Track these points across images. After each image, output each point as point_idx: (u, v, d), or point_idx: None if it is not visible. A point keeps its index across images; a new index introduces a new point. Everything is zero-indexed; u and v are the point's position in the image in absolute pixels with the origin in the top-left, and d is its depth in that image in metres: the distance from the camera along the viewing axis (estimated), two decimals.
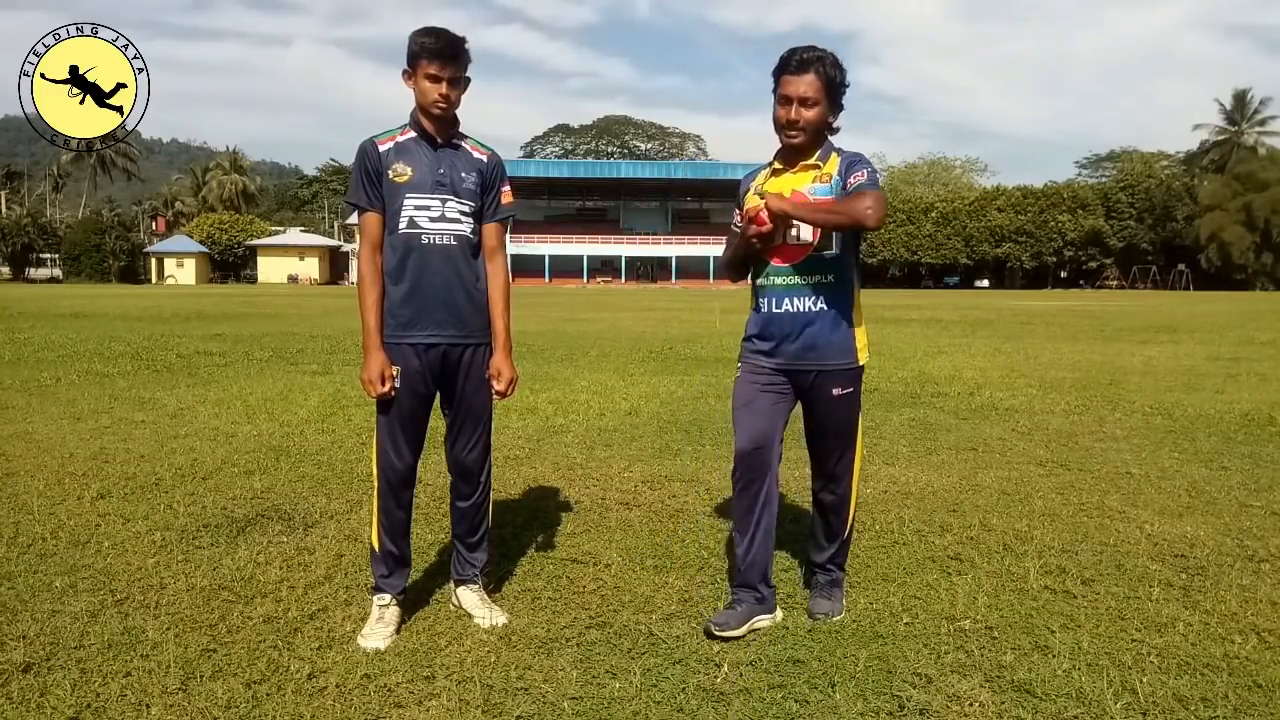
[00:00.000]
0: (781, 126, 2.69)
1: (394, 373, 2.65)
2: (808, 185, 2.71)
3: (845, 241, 2.73)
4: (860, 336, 2.79)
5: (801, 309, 2.72)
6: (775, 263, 2.74)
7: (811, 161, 2.73)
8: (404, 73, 2.64)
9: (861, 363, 2.79)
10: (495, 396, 2.83)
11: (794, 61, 2.64)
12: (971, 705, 2.26)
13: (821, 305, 2.71)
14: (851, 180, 2.66)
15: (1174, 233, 64.66)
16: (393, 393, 2.64)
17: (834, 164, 2.72)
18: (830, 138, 2.77)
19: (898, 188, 78.02)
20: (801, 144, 2.69)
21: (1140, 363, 10.49)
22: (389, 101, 3.40)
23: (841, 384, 2.76)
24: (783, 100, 2.67)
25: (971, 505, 4.14)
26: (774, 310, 2.74)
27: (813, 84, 2.63)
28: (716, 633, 2.62)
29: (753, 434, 2.74)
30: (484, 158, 2.77)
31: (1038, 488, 4.47)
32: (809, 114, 2.64)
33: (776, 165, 2.78)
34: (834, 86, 2.67)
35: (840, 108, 2.73)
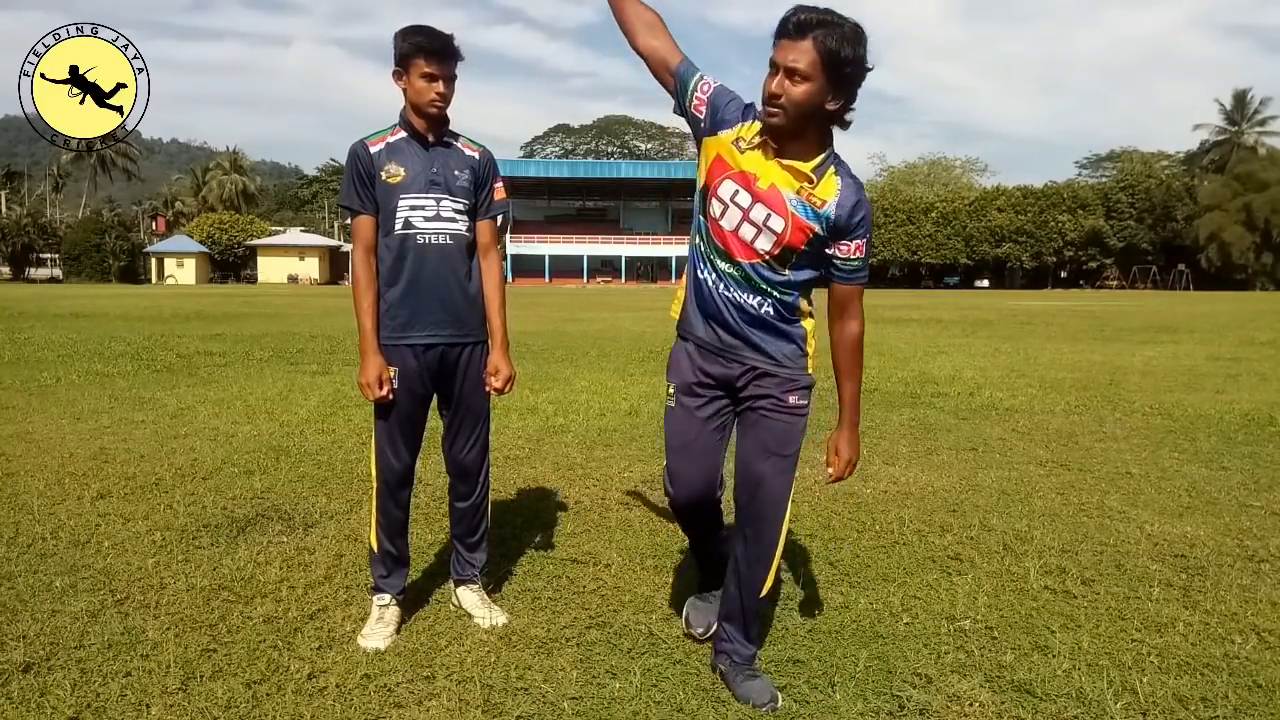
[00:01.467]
0: (763, 98, 2.16)
1: (391, 375, 2.65)
2: (790, 194, 2.19)
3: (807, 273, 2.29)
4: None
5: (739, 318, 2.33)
6: (728, 252, 2.28)
7: (804, 168, 2.18)
8: (395, 73, 2.63)
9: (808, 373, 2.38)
10: (493, 394, 2.82)
11: (792, 22, 2.10)
12: (971, 705, 2.26)
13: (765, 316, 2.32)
14: (848, 250, 2.22)
15: (1174, 233, 64.63)
16: (390, 396, 2.64)
17: (831, 188, 2.19)
18: (835, 136, 2.25)
19: (898, 188, 78.01)
20: (781, 126, 2.14)
21: (1140, 363, 10.49)
22: (389, 101, 3.37)
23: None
24: (770, 66, 2.14)
25: (971, 505, 4.14)
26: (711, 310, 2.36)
27: (808, 54, 2.07)
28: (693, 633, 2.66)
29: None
30: (476, 155, 2.76)
31: (1038, 488, 4.47)
32: (795, 91, 2.09)
33: (769, 140, 2.19)
34: (836, 63, 2.08)
35: (848, 94, 2.15)
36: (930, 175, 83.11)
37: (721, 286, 2.30)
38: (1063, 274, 69.92)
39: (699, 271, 2.36)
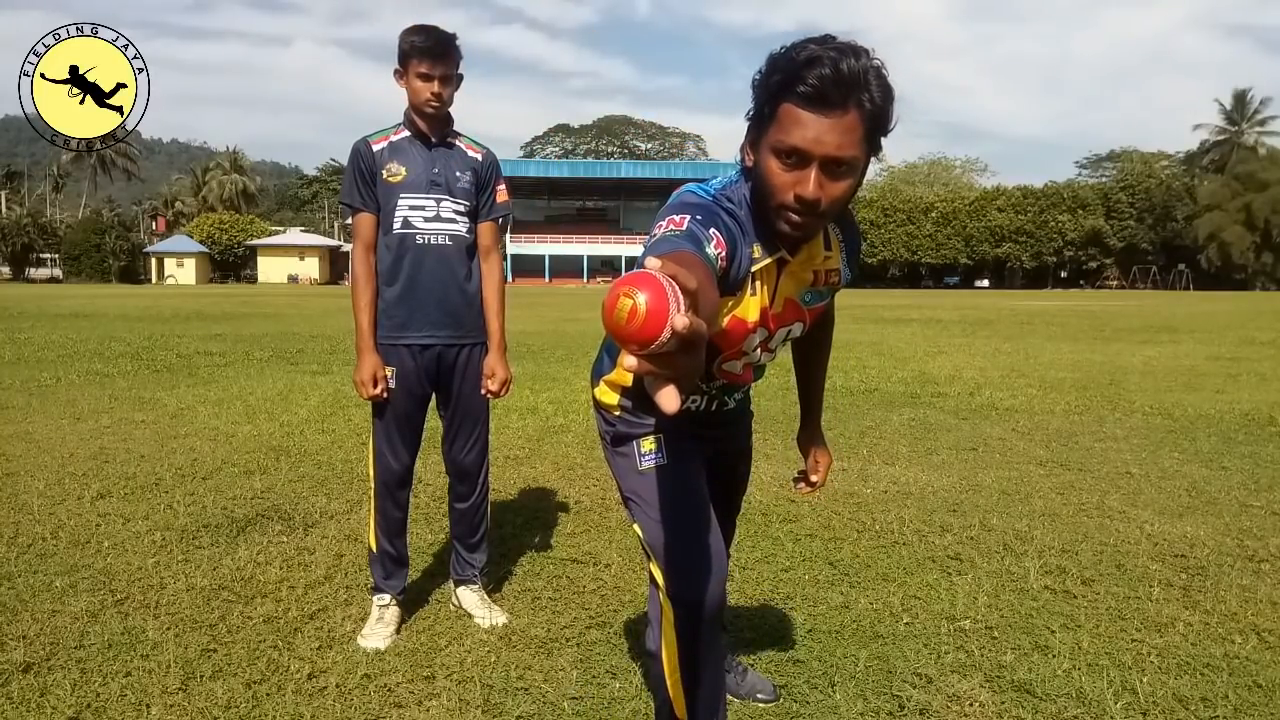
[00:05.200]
0: (783, 204, 1.47)
1: (387, 374, 2.65)
2: (804, 292, 1.69)
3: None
4: None
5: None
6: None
7: (819, 255, 1.66)
8: (395, 72, 2.64)
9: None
10: (489, 397, 2.82)
11: (829, 80, 1.36)
12: (971, 705, 2.26)
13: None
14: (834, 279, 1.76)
15: (1174, 233, 64.68)
16: (385, 395, 2.64)
17: (837, 248, 1.71)
18: None
19: (898, 188, 78.03)
20: (811, 238, 1.60)
21: (1140, 363, 10.49)
22: (389, 101, 3.40)
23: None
24: (790, 154, 1.42)
25: (971, 505, 4.14)
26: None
27: (854, 131, 1.40)
28: None
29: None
30: (479, 156, 2.76)
31: (1038, 488, 4.47)
32: (839, 189, 1.46)
33: (783, 255, 1.61)
34: (880, 131, 1.45)
35: (875, 155, 1.51)
36: (930, 175, 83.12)
37: (715, 405, 1.85)
38: (1063, 274, 69.95)
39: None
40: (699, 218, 1.44)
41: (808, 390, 2.09)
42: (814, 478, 2.04)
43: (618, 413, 1.85)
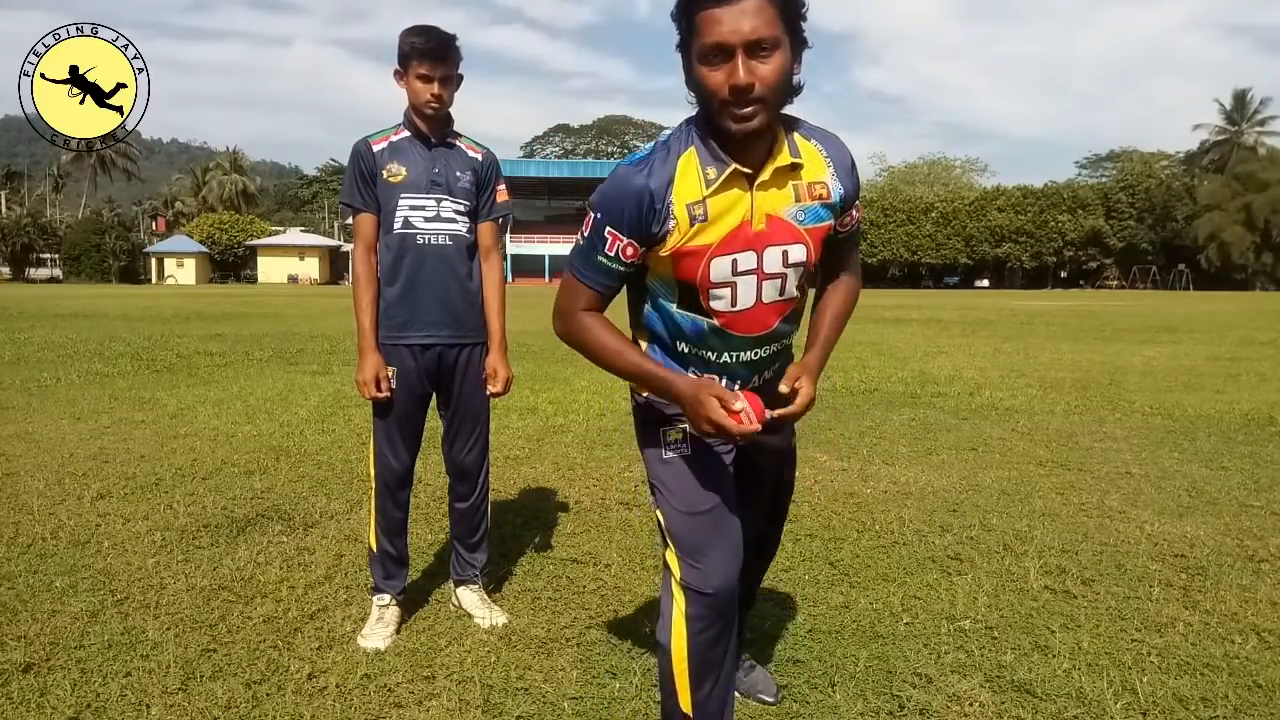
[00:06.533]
0: (723, 102, 1.52)
1: (389, 374, 2.65)
2: (790, 208, 1.66)
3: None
4: None
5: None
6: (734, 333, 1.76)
7: (785, 160, 1.63)
8: (395, 73, 2.64)
9: None
10: (493, 397, 2.82)
11: None
12: (971, 705, 2.26)
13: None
14: (853, 219, 1.79)
15: (1174, 233, 64.63)
16: (388, 395, 2.64)
17: (818, 160, 1.69)
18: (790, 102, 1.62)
19: (898, 188, 78.00)
20: (762, 128, 1.55)
21: (1140, 363, 10.49)
22: (389, 101, 3.41)
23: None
24: (714, 52, 1.50)
25: (971, 505, 4.14)
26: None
27: (763, 8, 1.48)
28: None
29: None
30: (479, 156, 2.76)
31: (1038, 488, 4.47)
32: (768, 69, 1.50)
33: (738, 168, 1.60)
34: (793, 4, 1.52)
35: (804, 43, 1.57)
36: (930, 175, 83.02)
37: (737, 385, 1.80)
38: (1063, 274, 69.91)
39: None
40: (598, 216, 1.65)
41: (816, 331, 1.89)
42: (783, 387, 1.72)
43: (645, 393, 1.84)
